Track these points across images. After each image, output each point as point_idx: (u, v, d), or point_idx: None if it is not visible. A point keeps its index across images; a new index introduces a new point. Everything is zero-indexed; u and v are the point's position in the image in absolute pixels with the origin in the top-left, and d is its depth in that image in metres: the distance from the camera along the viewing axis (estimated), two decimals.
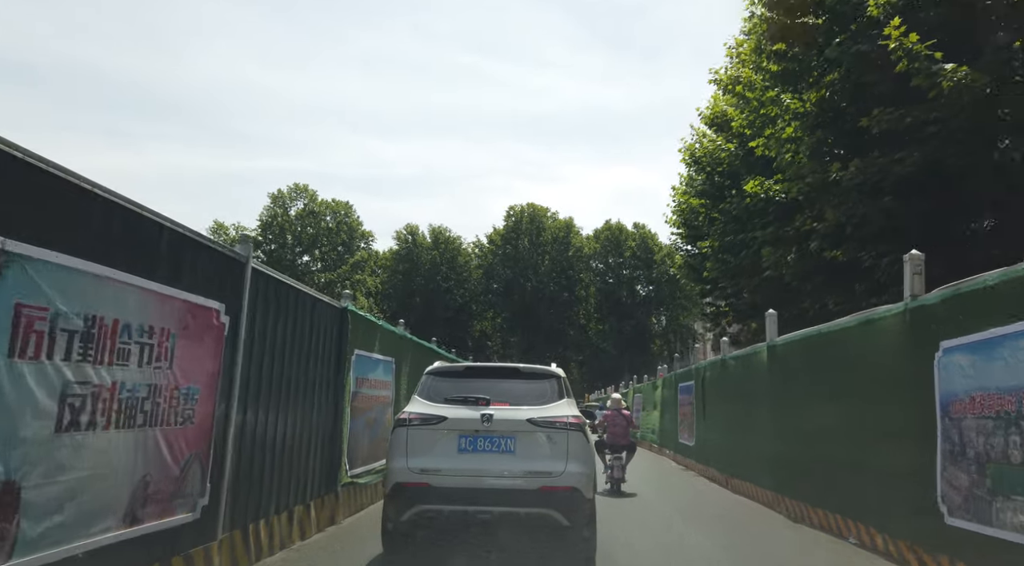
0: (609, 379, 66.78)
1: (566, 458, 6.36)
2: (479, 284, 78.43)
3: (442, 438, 6.42)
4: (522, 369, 7.27)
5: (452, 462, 6.34)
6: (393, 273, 78.17)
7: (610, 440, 13.46)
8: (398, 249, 79.67)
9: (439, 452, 6.37)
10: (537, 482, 6.25)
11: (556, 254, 76.31)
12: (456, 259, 79.58)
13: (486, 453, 6.34)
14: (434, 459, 6.35)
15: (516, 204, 79.17)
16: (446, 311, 77.29)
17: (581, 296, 77.47)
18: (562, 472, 6.32)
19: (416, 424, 6.51)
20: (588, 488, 6.52)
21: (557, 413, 6.56)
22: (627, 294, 76.57)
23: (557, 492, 6.23)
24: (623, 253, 76.26)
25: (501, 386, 6.82)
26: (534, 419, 6.45)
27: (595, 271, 78.44)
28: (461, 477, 6.29)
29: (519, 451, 6.34)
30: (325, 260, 69.79)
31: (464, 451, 6.37)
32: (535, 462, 6.34)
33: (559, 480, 6.28)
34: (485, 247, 79.87)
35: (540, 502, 6.19)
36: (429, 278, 77.72)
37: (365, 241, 72.52)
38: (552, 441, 6.41)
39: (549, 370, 7.31)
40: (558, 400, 6.81)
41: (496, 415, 6.41)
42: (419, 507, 6.28)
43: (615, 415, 13.76)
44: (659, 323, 78.68)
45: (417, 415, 6.57)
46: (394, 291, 77.41)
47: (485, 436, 6.39)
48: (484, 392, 6.66)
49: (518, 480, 6.26)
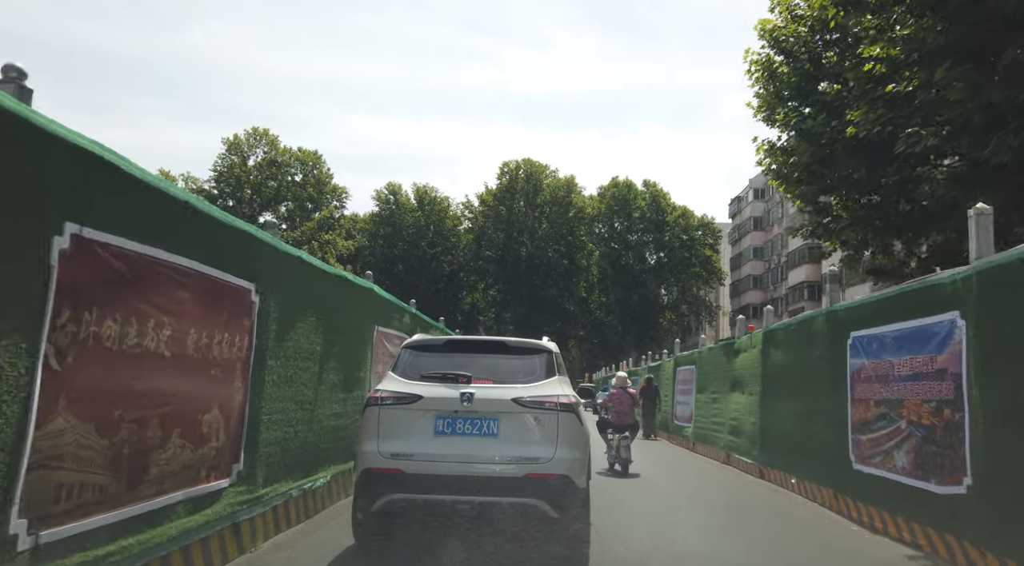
0: (612, 357, 56.79)
1: (556, 442, 5.60)
2: (469, 250, 68.12)
3: (417, 419, 5.65)
4: (509, 343, 6.40)
5: (428, 446, 5.58)
6: (372, 237, 67.92)
7: (615, 420, 12.37)
8: (378, 211, 69.36)
9: (414, 435, 5.61)
10: (523, 469, 5.52)
11: (555, 216, 65.83)
12: (443, 222, 69.27)
13: (466, 436, 5.59)
14: (408, 443, 5.59)
15: (511, 160, 68.54)
16: (432, 281, 67.26)
17: (582, 265, 67.11)
18: (551, 458, 5.55)
19: (389, 404, 5.71)
20: (580, 476, 5.75)
21: (547, 392, 5.77)
22: (635, 260, 66.12)
23: (545, 480, 5.49)
24: (631, 214, 65.67)
25: (485, 362, 6.01)
26: (520, 399, 5.65)
27: (599, 236, 67.98)
28: (438, 463, 5.52)
29: (503, 434, 5.60)
30: (291, 219, 59.32)
31: (442, 434, 5.60)
32: (521, 447, 5.58)
33: (548, 467, 5.52)
34: (475, 209, 69.44)
35: (526, 491, 5.46)
36: (413, 243, 67.50)
37: (339, 199, 61.88)
38: (540, 423, 5.66)
39: (539, 344, 6.39)
40: (548, 378, 6.00)
41: (478, 394, 5.60)
42: (391, 496, 5.53)
43: (621, 394, 12.74)
44: (670, 294, 68.27)
45: (390, 393, 5.77)
46: (373, 258, 67.28)
47: (465, 417, 5.63)
48: (466, 368, 5.83)
49: (502, 467, 5.53)
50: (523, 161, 67.61)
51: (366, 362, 8.92)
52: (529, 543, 5.68)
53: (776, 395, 10.77)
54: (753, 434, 11.75)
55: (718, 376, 14.80)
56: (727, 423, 13.63)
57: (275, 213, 59.56)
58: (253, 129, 57.30)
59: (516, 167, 67.54)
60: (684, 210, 65.71)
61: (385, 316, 9.96)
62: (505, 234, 66.02)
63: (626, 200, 65.51)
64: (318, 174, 59.61)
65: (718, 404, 14.56)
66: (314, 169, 59.74)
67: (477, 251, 67.22)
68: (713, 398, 15.03)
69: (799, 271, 53.23)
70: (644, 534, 7.01)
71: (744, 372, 12.70)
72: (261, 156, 58.24)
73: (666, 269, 66.24)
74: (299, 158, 59.21)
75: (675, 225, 64.93)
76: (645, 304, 64.51)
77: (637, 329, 63.21)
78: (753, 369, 11.98)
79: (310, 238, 56.11)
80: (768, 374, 11.18)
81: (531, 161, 67.54)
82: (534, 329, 62.93)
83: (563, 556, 5.69)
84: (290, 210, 59.80)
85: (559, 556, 5.68)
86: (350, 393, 8.30)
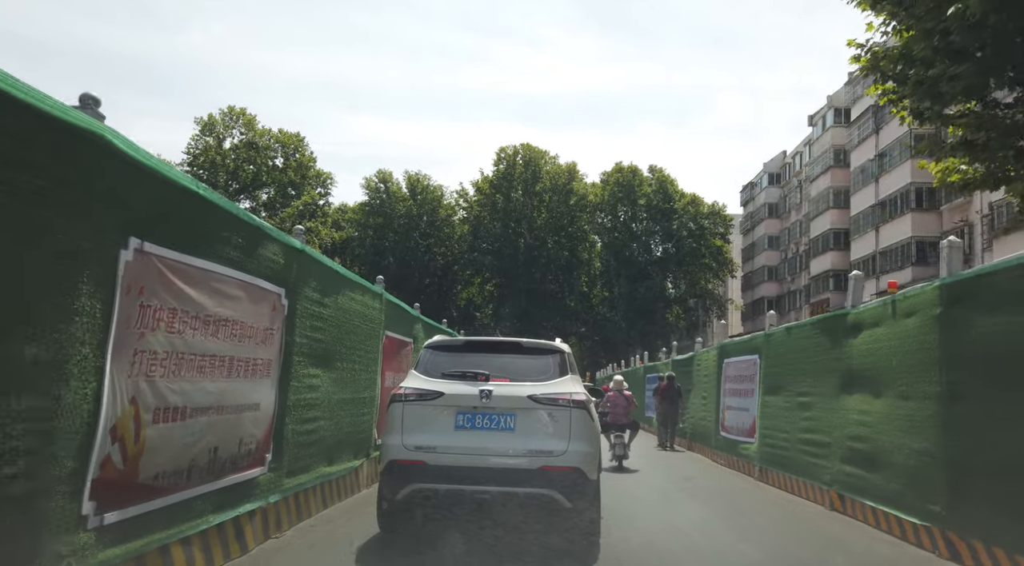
0: (615, 354, 51.58)
1: (568, 437, 5.84)
2: (464, 242, 62.87)
3: (439, 415, 5.93)
4: (524, 344, 6.66)
5: (449, 439, 5.85)
6: (361, 228, 62.67)
7: (612, 420, 13.38)
8: (368, 200, 64.09)
9: (436, 429, 5.89)
10: (538, 461, 5.74)
11: (555, 205, 60.55)
12: (436, 212, 64.02)
13: (485, 431, 5.86)
14: (430, 436, 5.86)
15: (508, 145, 63.24)
16: (425, 275, 62.03)
17: (583, 258, 61.85)
18: (564, 451, 5.78)
19: (412, 400, 6.02)
20: (592, 469, 5.94)
21: (560, 390, 6.03)
22: (641, 251, 60.85)
23: (559, 472, 5.72)
24: (636, 201, 60.35)
25: (501, 361, 6.29)
26: (535, 396, 5.91)
27: (602, 226, 62.72)
28: (458, 455, 5.78)
29: (519, 429, 5.86)
30: (271, 207, 54.06)
31: (462, 428, 5.89)
32: (536, 440, 5.83)
33: (561, 460, 5.76)
34: (470, 198, 64.18)
35: (541, 482, 5.67)
36: (404, 235, 62.20)
37: (323, 185, 56.55)
38: (554, 419, 5.91)
39: (552, 345, 6.69)
40: (561, 376, 6.26)
41: (495, 391, 5.89)
42: (414, 486, 5.78)
43: (617, 396, 13.85)
44: (677, 288, 62.96)
45: (413, 390, 6.07)
46: (363, 250, 62.05)
47: (484, 413, 5.89)
48: (484, 367, 6.11)
49: (518, 459, 5.76)
50: (521, 146, 62.30)
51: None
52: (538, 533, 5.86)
53: (992, 399, 5.54)
54: (920, 469, 6.50)
55: (809, 369, 9.57)
56: (838, 443, 8.40)
57: (255, 200, 54.36)
58: (229, 108, 52.04)
59: (514, 152, 62.25)
60: (693, 197, 60.38)
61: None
62: (502, 224, 60.73)
63: (631, 187, 60.16)
64: (300, 158, 54.30)
65: (812, 412, 9.33)
66: (296, 152, 54.42)
67: (472, 242, 61.96)
68: (801, 402, 9.79)
69: (824, 259, 47.88)
70: None
71: (878, 359, 7.48)
72: (238, 138, 52.93)
73: (673, 260, 60.95)
74: (279, 140, 53.95)
75: (683, 213, 59.61)
76: (651, 298, 59.25)
77: (642, 324, 57.93)
78: (910, 352, 6.76)
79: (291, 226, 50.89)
80: (969, 359, 5.93)
81: (530, 146, 62.24)
82: (534, 323, 57.76)
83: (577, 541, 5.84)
84: (271, 197, 54.54)
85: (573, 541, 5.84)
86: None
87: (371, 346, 9.00)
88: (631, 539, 6.54)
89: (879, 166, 39.85)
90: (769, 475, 10.90)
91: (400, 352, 10.73)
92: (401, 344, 10.78)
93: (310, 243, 47.87)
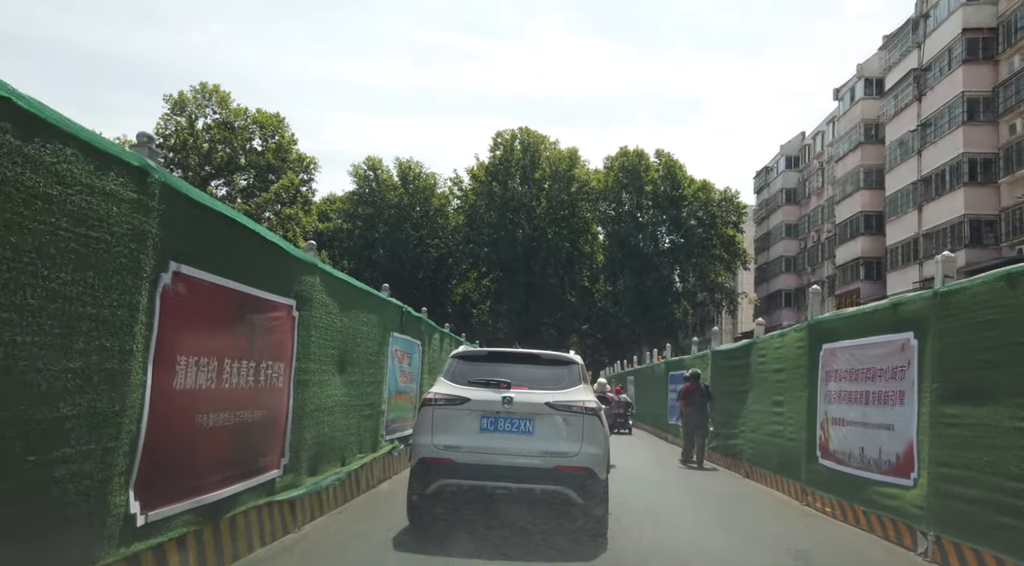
0: (619, 352, 46.52)
1: (581, 440, 6.38)
2: (459, 233, 57.88)
3: (465, 418, 6.49)
4: (542, 355, 7.34)
5: (474, 440, 6.42)
6: (350, 218, 57.69)
7: None
8: (357, 188, 59.11)
9: (462, 431, 6.44)
10: (553, 461, 6.30)
11: (556, 193, 55.57)
12: (430, 201, 59.01)
13: (506, 433, 6.43)
14: (457, 437, 6.42)
15: (505, 129, 58.26)
16: (418, 268, 56.99)
17: (586, 251, 56.86)
18: (577, 453, 6.33)
19: (441, 404, 6.59)
20: (601, 469, 6.48)
21: (574, 398, 6.58)
22: (647, 242, 55.78)
23: (572, 472, 6.29)
24: (642, 188, 55.30)
25: (521, 370, 6.87)
26: (552, 403, 6.47)
27: (605, 215, 57.71)
28: (482, 454, 6.35)
29: (537, 432, 6.42)
30: (249, 194, 49.01)
31: (485, 430, 6.45)
32: (552, 443, 6.38)
33: (574, 460, 6.32)
34: (465, 186, 59.21)
35: (555, 480, 6.25)
36: (395, 225, 57.15)
37: (306, 170, 51.41)
38: (568, 424, 6.44)
39: (568, 357, 7.38)
40: (575, 385, 6.82)
41: (516, 398, 6.43)
42: (442, 481, 6.38)
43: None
44: (686, 282, 57.88)
45: (442, 396, 6.63)
46: (351, 242, 57.06)
47: (505, 417, 6.46)
48: (505, 376, 6.68)
49: (535, 459, 6.32)
50: (520, 130, 57.35)
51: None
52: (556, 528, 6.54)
53: None
54: None
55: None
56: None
57: (231, 185, 49.34)
58: (201, 85, 46.96)
59: (512, 137, 57.29)
60: (704, 183, 55.34)
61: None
62: (499, 214, 55.74)
63: (636, 172, 55.12)
64: (279, 140, 49.22)
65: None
66: (275, 134, 49.35)
67: (468, 234, 57.01)
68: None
69: (852, 245, 42.71)
70: None
71: None
72: (211, 117, 47.87)
73: (682, 252, 55.92)
74: (257, 121, 48.84)
75: (693, 200, 54.54)
76: (658, 291, 54.22)
77: (648, 320, 52.89)
78: None
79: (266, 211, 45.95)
80: None
81: (528, 130, 57.29)
82: (533, 322, 52.74)
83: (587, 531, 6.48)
84: (249, 183, 49.47)
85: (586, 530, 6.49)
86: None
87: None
88: None
89: (922, 137, 34.80)
90: (963, 555, 5.82)
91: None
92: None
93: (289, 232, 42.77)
